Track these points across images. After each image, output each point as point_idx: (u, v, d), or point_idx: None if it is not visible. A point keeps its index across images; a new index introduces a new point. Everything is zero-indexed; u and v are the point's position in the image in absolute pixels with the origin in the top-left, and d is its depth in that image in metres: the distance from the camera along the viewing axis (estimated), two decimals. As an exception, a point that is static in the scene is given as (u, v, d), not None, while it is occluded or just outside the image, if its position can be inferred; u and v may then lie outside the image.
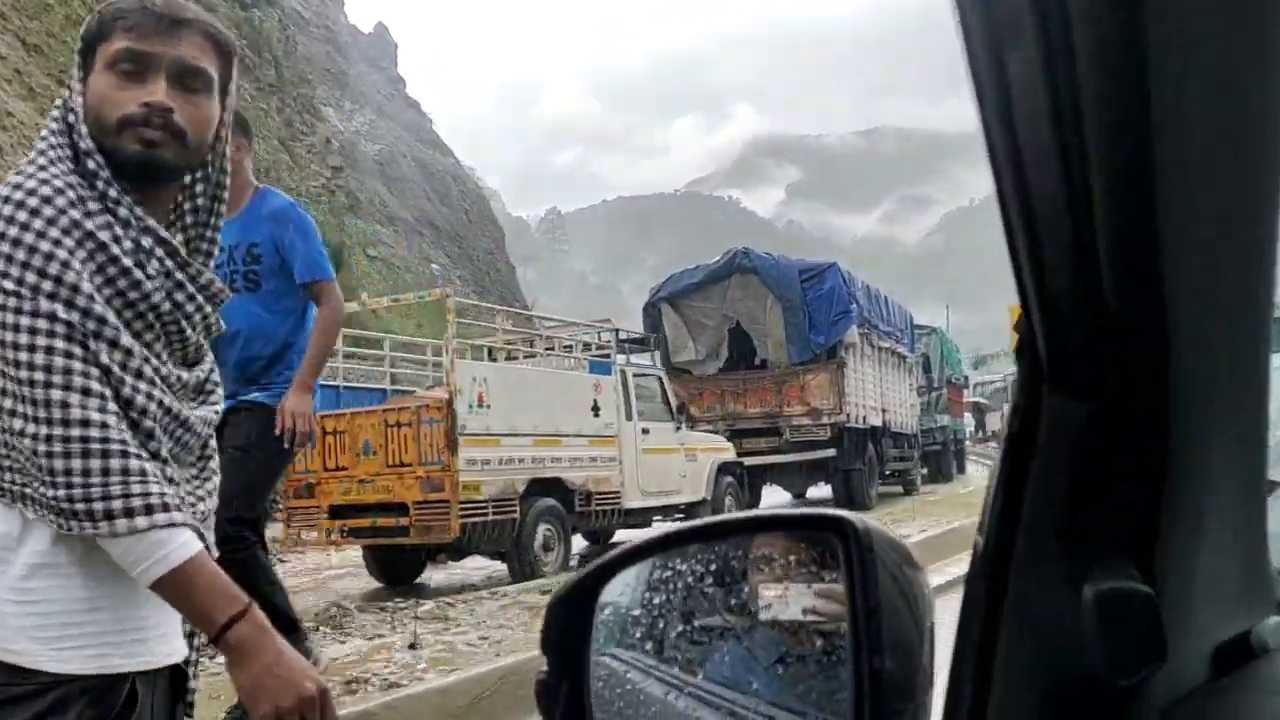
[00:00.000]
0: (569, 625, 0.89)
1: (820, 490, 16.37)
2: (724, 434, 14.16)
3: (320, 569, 10.07)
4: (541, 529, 8.80)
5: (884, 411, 16.68)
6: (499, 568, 9.10)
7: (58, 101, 1.54)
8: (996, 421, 36.72)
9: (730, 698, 0.82)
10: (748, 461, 13.96)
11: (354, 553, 9.64)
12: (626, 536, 11.47)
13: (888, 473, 17.51)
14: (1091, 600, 0.58)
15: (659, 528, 10.80)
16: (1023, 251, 0.56)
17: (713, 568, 0.85)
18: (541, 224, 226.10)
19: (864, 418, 15.39)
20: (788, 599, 0.80)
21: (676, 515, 11.07)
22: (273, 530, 11.72)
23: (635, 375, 10.85)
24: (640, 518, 10.47)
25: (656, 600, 0.89)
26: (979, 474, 25.38)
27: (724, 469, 11.92)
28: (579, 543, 10.30)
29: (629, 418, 10.31)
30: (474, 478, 8.15)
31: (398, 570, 9.06)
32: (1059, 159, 0.51)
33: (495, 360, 10.42)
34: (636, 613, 0.91)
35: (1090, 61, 0.49)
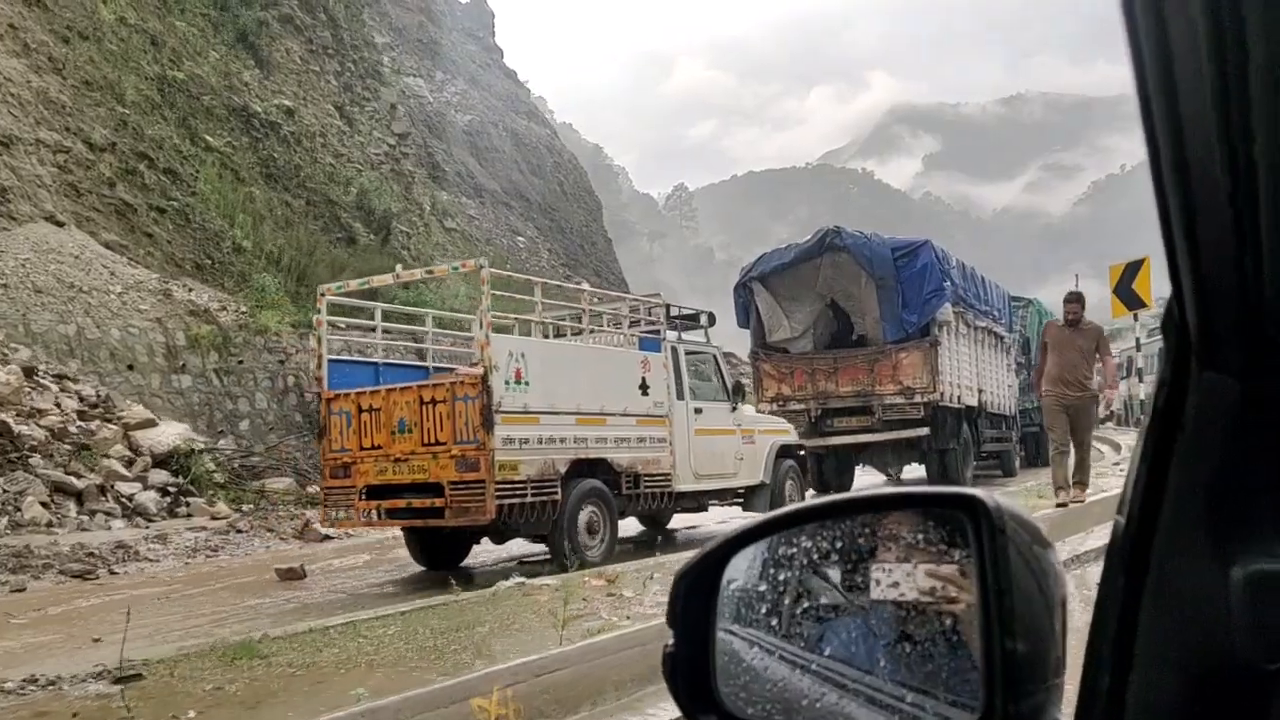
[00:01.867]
0: (694, 600, 0.90)
1: (914, 471, 16.05)
2: (815, 413, 14.35)
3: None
4: (586, 511, 8.44)
5: (980, 391, 16.21)
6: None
7: None
8: (1117, 402, 34.30)
9: (855, 677, 0.82)
10: (839, 440, 14.12)
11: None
12: (685, 521, 11.23)
13: (984, 454, 17.16)
14: (1241, 582, 0.57)
15: (715, 512, 10.75)
16: (1176, 224, 0.55)
17: (838, 545, 0.86)
18: (669, 200, 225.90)
19: (958, 397, 15.05)
20: (914, 577, 0.80)
21: (733, 500, 10.71)
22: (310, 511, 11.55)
23: (688, 353, 10.33)
24: (694, 501, 10.10)
25: (780, 577, 0.90)
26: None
27: (784, 452, 11.38)
28: (634, 526, 9.98)
29: (680, 397, 9.85)
30: (511, 457, 7.80)
31: (439, 553, 8.75)
32: (1220, 129, 0.50)
33: (535, 335, 9.90)
34: (761, 588, 0.91)
35: (1258, 24, 0.48)
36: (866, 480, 16.62)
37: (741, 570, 0.92)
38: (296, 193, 24.80)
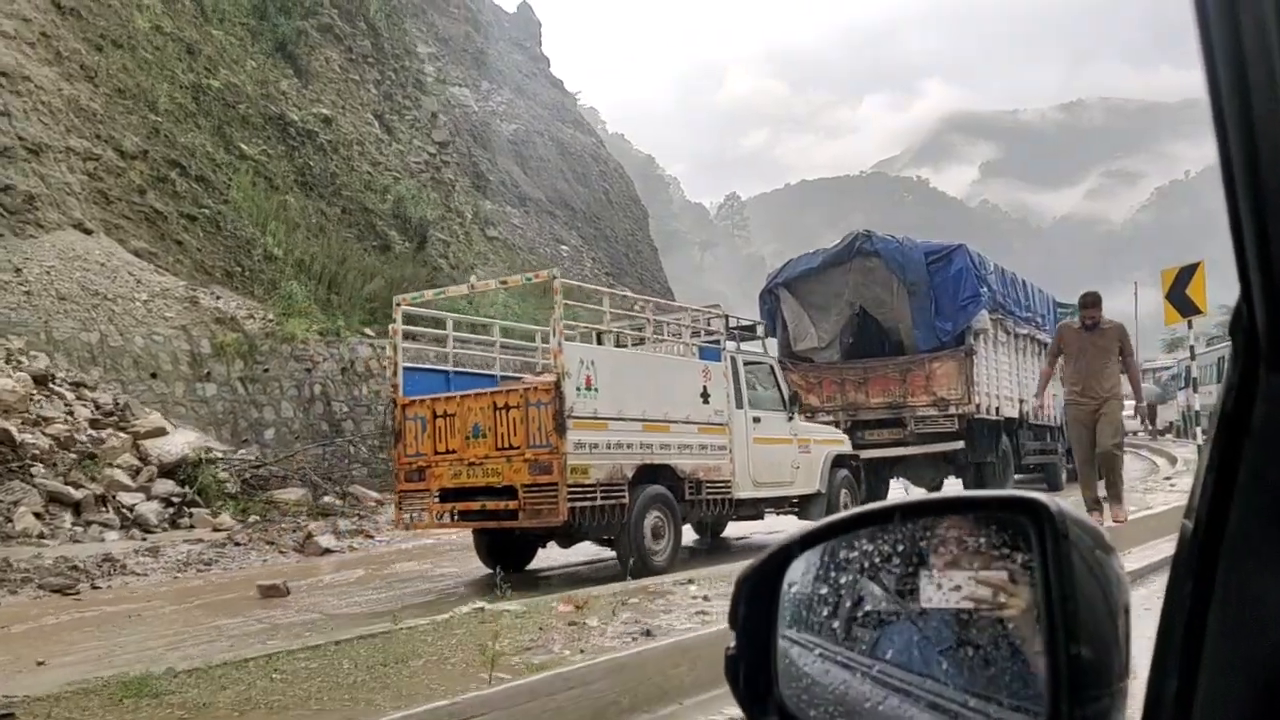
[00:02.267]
0: (755, 603, 0.91)
1: (951, 485, 15.22)
2: (845, 425, 13.66)
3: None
4: (651, 516, 8.61)
5: (1021, 402, 15.51)
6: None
7: None
8: (1173, 413, 32.90)
9: (916, 682, 0.82)
10: (870, 454, 13.54)
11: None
12: (739, 530, 11.43)
13: (1027, 467, 16.34)
14: None
15: (771, 521, 10.87)
16: (1247, 225, 0.55)
17: (898, 548, 0.86)
18: (721, 210, 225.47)
19: (996, 408, 14.46)
20: (975, 581, 0.80)
21: (789, 508, 10.77)
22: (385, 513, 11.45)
23: (747, 363, 10.49)
24: (752, 509, 10.25)
25: (840, 580, 0.90)
26: (1138, 470, 22.98)
27: (839, 462, 11.45)
28: (688, 535, 10.04)
29: (740, 405, 9.99)
30: (582, 461, 8.05)
31: (507, 555, 8.95)
32: None
33: (603, 344, 10.09)
34: (822, 592, 0.92)
35: None
36: (899, 496, 16.03)
37: (802, 574, 0.93)
38: (332, 200, 24.72)
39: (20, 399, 10.85)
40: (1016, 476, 15.54)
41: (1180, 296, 15.82)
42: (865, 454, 13.75)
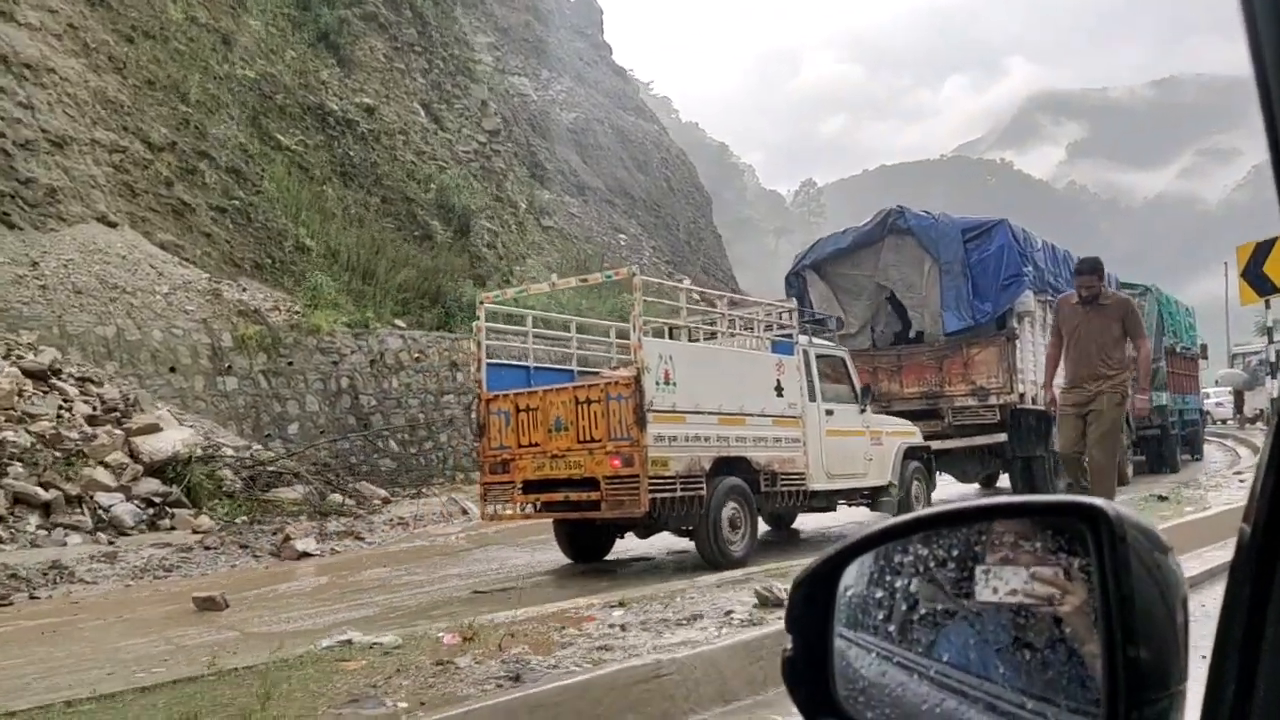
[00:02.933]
0: (812, 605, 0.93)
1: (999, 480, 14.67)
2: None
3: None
4: (728, 507, 8.72)
5: None
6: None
7: None
8: (1262, 399, 30.97)
9: (974, 684, 0.83)
10: None
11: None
12: (807, 522, 11.59)
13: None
14: None
15: (845, 513, 10.99)
16: None
17: (955, 553, 0.87)
18: (797, 196, 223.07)
19: (1042, 398, 12.90)
20: (1032, 585, 0.80)
21: (861, 499, 10.85)
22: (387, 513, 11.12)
23: (819, 356, 10.47)
24: (825, 500, 10.33)
25: (897, 584, 0.92)
26: (1221, 460, 21.45)
27: (910, 453, 11.26)
28: (761, 526, 10.03)
29: (812, 398, 10.08)
30: (662, 454, 8.23)
31: (588, 546, 9.41)
32: None
33: (677, 338, 10.20)
34: (878, 595, 0.93)
35: None
36: (948, 490, 14.91)
37: (858, 577, 0.94)
38: (372, 190, 24.39)
39: (5, 395, 10.53)
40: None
41: (1257, 274, 14.58)
42: None
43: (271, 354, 16.86)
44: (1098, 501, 0.75)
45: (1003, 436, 12.59)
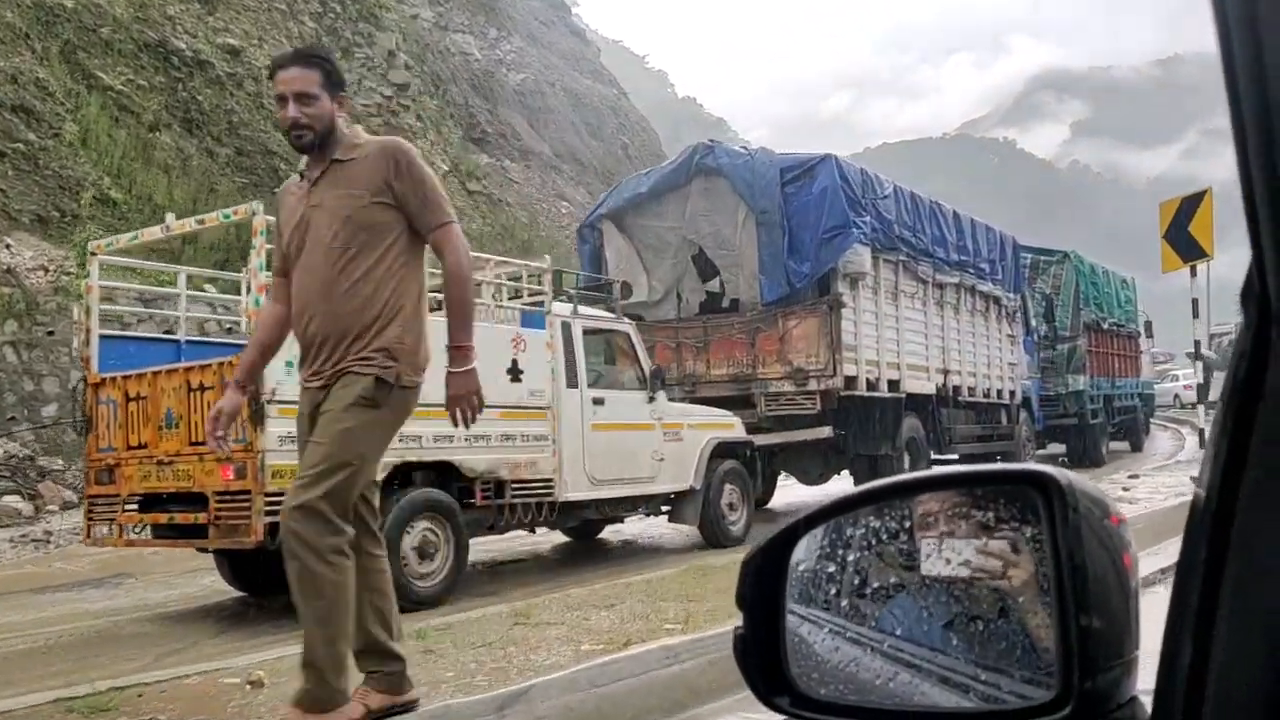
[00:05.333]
0: (762, 582, 0.91)
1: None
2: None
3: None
4: (418, 530, 6.94)
5: (945, 373, 12.28)
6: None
7: None
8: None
9: (926, 656, 0.83)
10: None
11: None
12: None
13: (957, 457, 12.98)
14: None
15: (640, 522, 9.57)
16: (1259, 184, 0.54)
17: (906, 524, 0.87)
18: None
19: (889, 382, 11.15)
20: (984, 555, 0.80)
21: (659, 510, 9.23)
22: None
23: (589, 331, 8.68)
24: (594, 511, 8.70)
25: (848, 557, 0.91)
26: (1167, 451, 19.31)
27: (724, 450, 9.44)
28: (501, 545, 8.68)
29: (572, 384, 8.34)
30: (293, 461, 5.72)
31: (260, 576, 7.08)
32: None
33: None
34: (829, 570, 0.92)
35: None
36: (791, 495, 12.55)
37: (809, 552, 0.93)
38: (223, 140, 21.82)
39: None
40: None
41: (1182, 235, 12.10)
42: None
43: (24, 322, 14.33)
44: (1049, 470, 0.75)
45: (826, 431, 10.28)
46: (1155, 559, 5.19)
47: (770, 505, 12.25)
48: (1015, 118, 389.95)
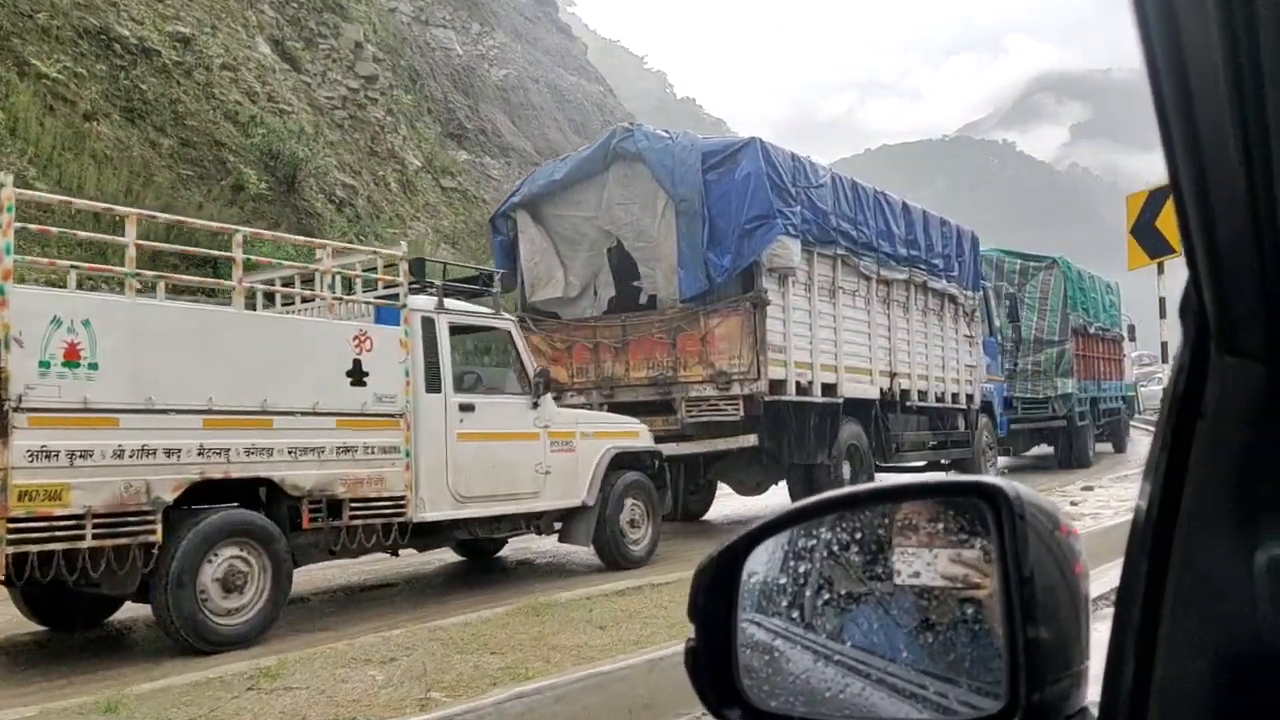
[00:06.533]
0: (715, 593, 0.91)
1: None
2: (599, 406, 10.12)
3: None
4: (223, 559, 6.07)
5: (892, 376, 11.56)
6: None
7: None
8: None
9: (878, 665, 0.83)
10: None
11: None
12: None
13: (918, 465, 12.51)
14: (1264, 566, 0.57)
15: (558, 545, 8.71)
16: (1191, 205, 0.54)
17: (857, 536, 0.87)
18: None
19: (824, 385, 10.37)
20: (934, 566, 0.81)
21: (550, 529, 8.37)
22: None
23: (459, 328, 7.88)
24: (466, 531, 7.78)
25: (801, 568, 0.91)
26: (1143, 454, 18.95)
27: (624, 461, 8.63)
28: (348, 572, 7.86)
29: (435, 389, 7.48)
30: (48, 480, 5.49)
31: (61, 608, 6.48)
32: (1233, 104, 0.49)
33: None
34: (781, 581, 0.92)
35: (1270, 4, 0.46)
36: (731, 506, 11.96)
37: (762, 563, 0.92)
38: (167, 131, 21.01)
39: None
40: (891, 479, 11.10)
41: (1149, 231, 11.16)
42: None
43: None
44: (998, 480, 0.74)
45: (752, 439, 9.54)
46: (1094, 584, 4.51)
47: (707, 517, 11.75)
48: (1015, 120, 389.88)
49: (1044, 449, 17.72)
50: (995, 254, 16.78)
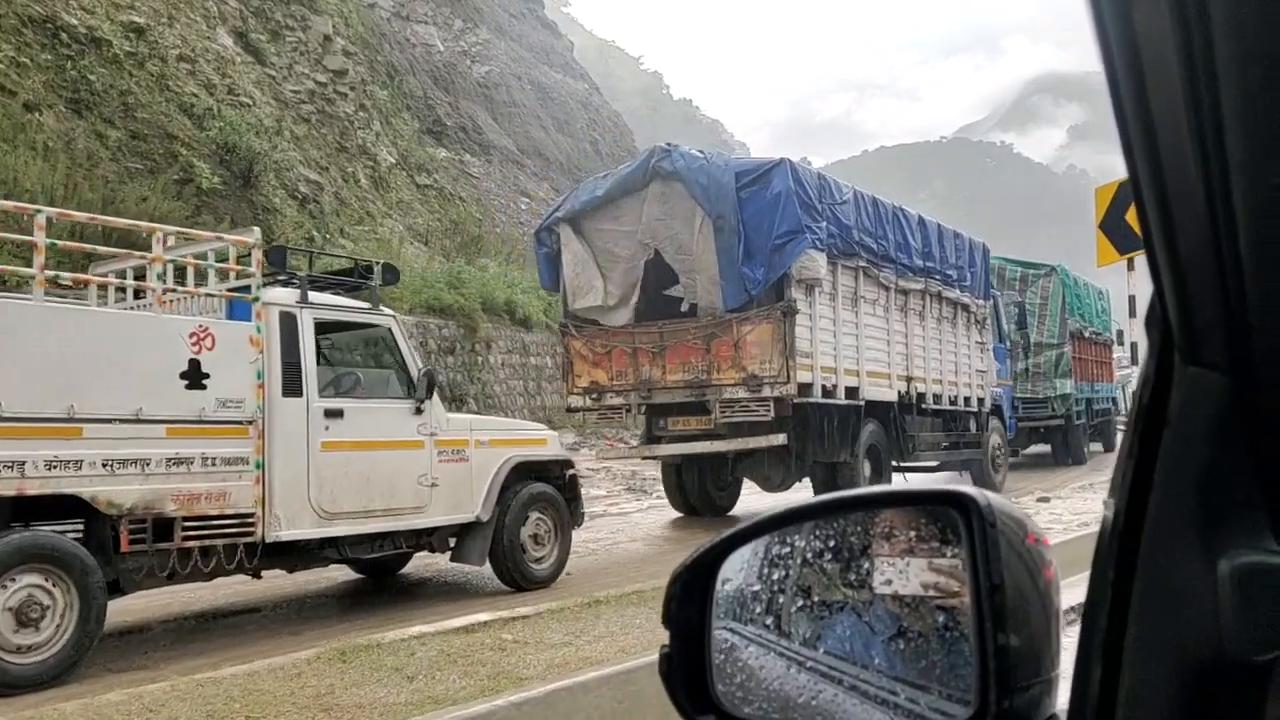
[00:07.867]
0: (689, 600, 0.90)
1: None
2: (639, 409, 11.18)
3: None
4: (20, 585, 5.31)
5: (909, 380, 12.13)
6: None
7: None
8: None
9: (851, 672, 0.83)
10: (667, 451, 10.88)
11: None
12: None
13: (931, 466, 13.20)
14: (1229, 574, 0.57)
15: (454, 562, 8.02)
16: (1153, 218, 0.54)
17: (831, 544, 0.87)
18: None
19: (847, 389, 11.00)
20: (907, 574, 0.80)
21: (442, 545, 7.67)
22: None
23: (329, 325, 7.17)
24: (336, 551, 7.02)
25: (775, 576, 0.91)
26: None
27: (527, 471, 8.01)
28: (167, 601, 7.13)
29: (295, 392, 6.73)
30: None
31: None
32: (1192, 120, 0.49)
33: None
34: (756, 588, 0.92)
35: (1224, 11, 0.47)
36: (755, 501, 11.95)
37: (736, 570, 0.92)
38: (116, 123, 19.64)
39: None
40: (911, 478, 11.90)
41: (1119, 225, 10.52)
42: (663, 451, 11.02)
43: None
44: (969, 489, 0.74)
45: (781, 438, 10.13)
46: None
47: (733, 512, 12.07)
48: (1012, 121, 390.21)
49: (1041, 447, 18.61)
50: (998, 261, 17.32)
